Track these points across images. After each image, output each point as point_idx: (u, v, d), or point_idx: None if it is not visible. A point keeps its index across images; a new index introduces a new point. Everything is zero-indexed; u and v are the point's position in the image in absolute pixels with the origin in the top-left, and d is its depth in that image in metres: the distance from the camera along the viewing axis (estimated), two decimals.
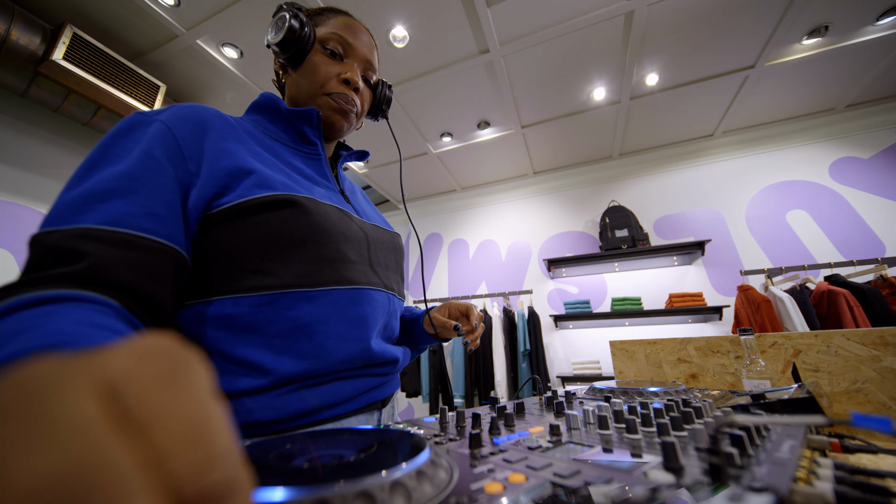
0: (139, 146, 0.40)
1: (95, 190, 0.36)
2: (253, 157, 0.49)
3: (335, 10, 0.66)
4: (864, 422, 0.22)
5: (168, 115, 0.45)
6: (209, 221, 0.44)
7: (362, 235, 0.57)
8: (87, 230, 0.33)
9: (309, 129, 0.59)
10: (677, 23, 2.06)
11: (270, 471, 0.22)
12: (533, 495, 0.21)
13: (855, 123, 2.82)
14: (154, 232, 0.37)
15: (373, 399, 0.55)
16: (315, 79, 0.59)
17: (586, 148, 3.30)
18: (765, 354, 1.08)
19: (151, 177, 0.39)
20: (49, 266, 0.31)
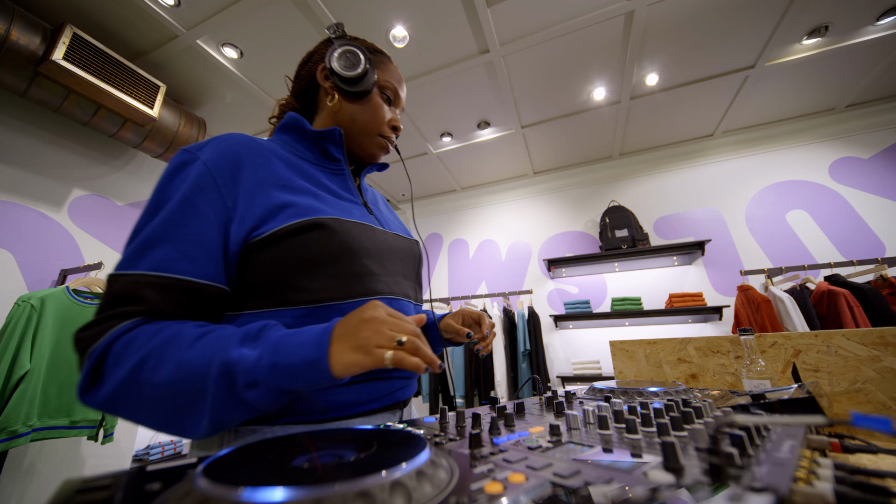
0: (181, 191, 0.49)
1: (147, 238, 0.46)
2: (283, 188, 0.55)
3: (385, 54, 0.72)
4: (864, 422, 0.22)
5: (208, 153, 0.52)
6: (251, 248, 0.51)
7: (385, 247, 0.62)
8: (139, 277, 0.44)
9: (333, 148, 0.65)
10: (677, 23, 2.06)
11: (271, 471, 0.22)
12: (533, 495, 0.21)
13: (855, 123, 2.82)
14: (189, 273, 0.46)
15: (396, 400, 0.60)
16: (374, 119, 0.67)
17: (586, 148, 3.30)
18: (765, 354, 1.08)
19: (189, 222, 0.47)
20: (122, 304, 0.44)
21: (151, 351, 0.40)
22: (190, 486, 0.20)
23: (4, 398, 1.52)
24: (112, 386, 0.40)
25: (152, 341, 0.41)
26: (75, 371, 1.73)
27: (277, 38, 2.05)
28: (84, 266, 1.96)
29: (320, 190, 0.60)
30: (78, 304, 1.79)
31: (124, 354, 0.40)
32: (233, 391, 0.39)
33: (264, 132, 2.82)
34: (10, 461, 1.72)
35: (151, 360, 0.40)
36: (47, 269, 1.95)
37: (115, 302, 0.44)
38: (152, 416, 0.41)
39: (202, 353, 0.40)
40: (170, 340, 0.41)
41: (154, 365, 0.40)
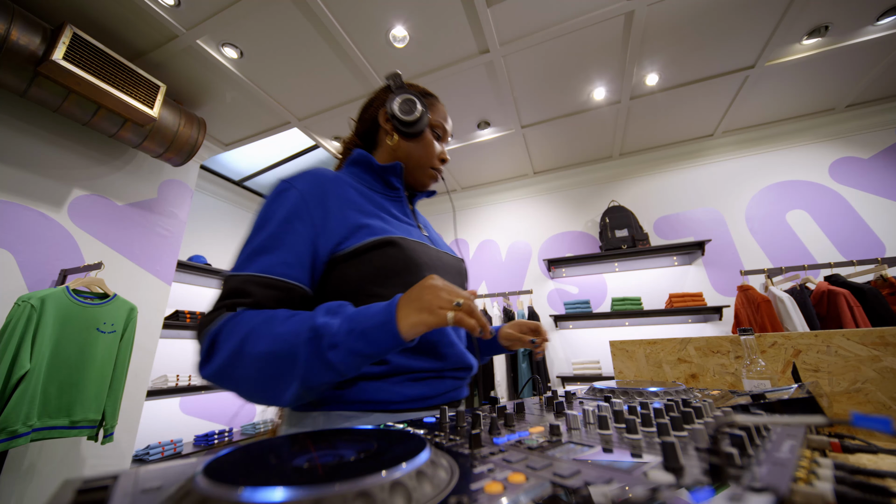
0: (281, 212, 0.61)
1: (256, 247, 0.59)
2: (360, 212, 0.67)
3: (434, 96, 0.84)
4: (864, 422, 0.22)
5: (302, 184, 0.64)
6: (336, 260, 0.62)
7: (439, 262, 0.73)
8: (249, 277, 0.56)
9: (394, 178, 0.77)
10: (677, 23, 2.06)
11: (272, 471, 0.22)
12: (533, 495, 0.21)
13: (855, 123, 2.82)
14: (285, 275, 0.58)
15: (454, 398, 0.68)
16: (427, 154, 0.79)
17: (586, 148, 3.30)
18: (765, 354, 1.08)
19: (286, 237, 0.60)
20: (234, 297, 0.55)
21: (253, 328, 0.50)
22: (190, 486, 0.20)
23: (4, 398, 1.52)
24: (222, 359, 0.50)
25: (253, 321, 0.51)
26: (75, 371, 1.73)
27: (277, 38, 2.05)
28: (84, 266, 1.96)
29: (385, 214, 0.72)
30: (78, 304, 1.79)
31: (233, 333, 0.50)
32: (319, 352, 0.47)
33: (264, 132, 2.82)
34: (10, 461, 1.72)
35: (253, 335, 0.49)
36: (47, 269, 1.95)
37: (230, 295, 0.56)
38: (252, 384, 0.50)
39: (293, 327, 0.49)
40: (267, 320, 0.51)
41: (255, 339, 0.49)
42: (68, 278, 1.96)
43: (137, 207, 2.42)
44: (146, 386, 2.33)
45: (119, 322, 1.91)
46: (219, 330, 0.51)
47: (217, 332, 0.51)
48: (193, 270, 2.99)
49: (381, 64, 2.27)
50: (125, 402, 2.08)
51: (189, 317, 2.94)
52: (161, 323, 2.46)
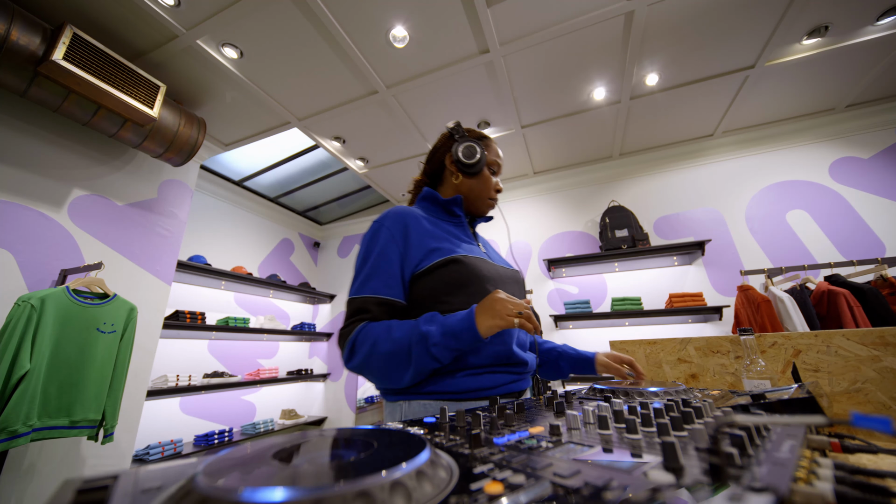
0: (379, 245, 0.82)
1: (366, 275, 0.80)
2: (433, 239, 0.85)
3: (489, 138, 1.00)
4: (864, 422, 0.22)
5: (389, 222, 0.84)
6: (416, 277, 0.82)
7: (497, 275, 0.88)
8: (366, 298, 0.79)
9: (456, 208, 0.95)
10: (677, 23, 2.06)
11: (271, 471, 0.22)
12: (533, 495, 0.21)
13: (855, 123, 2.82)
14: (389, 293, 0.79)
15: (511, 389, 0.80)
16: (485, 188, 0.96)
17: (586, 148, 3.30)
18: (765, 354, 1.08)
19: (384, 265, 0.80)
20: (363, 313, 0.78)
21: (378, 336, 0.73)
22: (190, 486, 0.20)
23: (4, 398, 1.52)
24: (361, 356, 0.73)
25: (377, 330, 0.73)
26: (75, 371, 1.73)
27: (277, 38, 2.05)
28: (84, 266, 1.96)
29: (452, 237, 0.89)
30: (78, 304, 1.79)
31: (366, 340, 0.73)
32: (425, 348, 0.69)
33: (264, 132, 2.83)
34: (10, 461, 1.72)
35: (379, 340, 0.72)
36: (47, 269, 1.95)
37: (357, 312, 0.78)
38: (381, 373, 0.73)
39: (405, 333, 0.71)
40: (387, 329, 0.73)
41: (381, 343, 0.72)
42: (68, 278, 1.97)
43: (137, 207, 2.42)
44: (146, 386, 2.33)
45: (119, 322, 1.91)
46: (355, 338, 0.74)
47: (354, 339, 0.74)
48: (193, 270, 2.99)
49: (381, 64, 2.27)
50: (125, 402, 2.09)
51: (189, 317, 2.94)
52: (161, 323, 2.46)
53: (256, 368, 3.73)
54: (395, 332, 0.72)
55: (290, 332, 3.90)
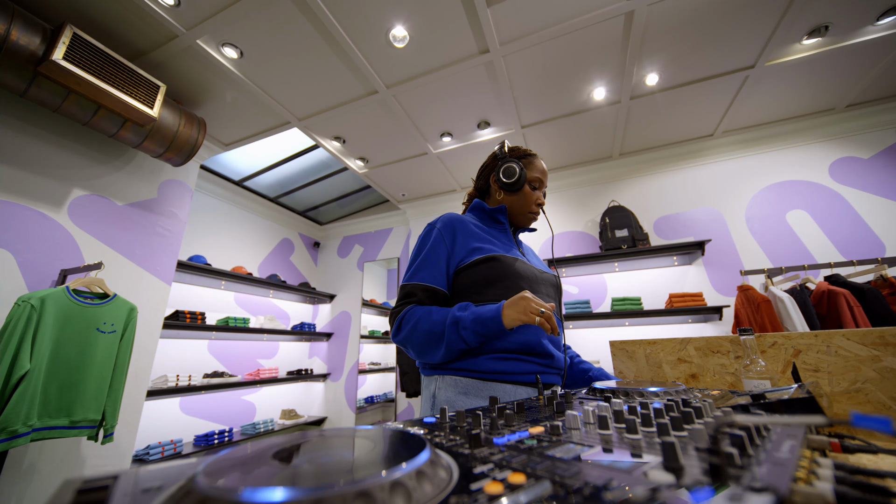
0: (430, 243, 0.96)
1: (417, 266, 0.94)
2: (476, 240, 0.97)
3: (533, 155, 1.09)
4: (864, 422, 0.22)
5: (440, 224, 0.98)
6: (458, 272, 0.94)
7: (531, 274, 0.97)
8: (415, 285, 0.92)
9: (501, 216, 1.07)
10: (677, 23, 2.06)
11: (271, 471, 0.22)
12: (533, 495, 0.21)
13: (855, 123, 2.82)
14: (434, 282, 0.92)
15: (534, 379, 0.87)
16: (526, 203, 1.07)
17: (586, 148, 3.30)
18: (765, 354, 1.08)
19: (433, 259, 0.94)
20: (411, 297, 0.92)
21: (420, 317, 0.86)
22: (190, 486, 0.20)
23: (4, 398, 1.52)
24: (405, 332, 0.87)
25: (420, 312, 0.87)
26: (75, 371, 1.73)
27: (277, 38, 2.05)
28: (84, 266, 1.96)
29: (495, 240, 1.01)
30: (78, 304, 1.79)
31: (410, 319, 0.87)
32: (456, 330, 0.81)
33: (264, 132, 2.83)
34: (10, 461, 1.72)
35: (421, 320, 0.85)
36: (47, 269, 1.95)
37: (407, 296, 0.92)
38: (420, 347, 0.86)
39: (442, 317, 0.84)
40: (428, 312, 0.86)
41: (422, 322, 0.85)
42: (68, 278, 1.97)
43: (137, 207, 2.42)
44: (146, 386, 2.33)
45: (119, 322, 1.92)
46: (402, 316, 0.88)
47: (402, 318, 0.88)
48: (193, 270, 2.99)
49: (381, 64, 2.27)
50: (125, 402, 2.09)
51: (189, 317, 2.94)
52: (161, 323, 2.46)
53: (256, 368, 3.73)
54: (435, 315, 0.84)
55: (290, 332, 3.90)
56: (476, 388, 0.84)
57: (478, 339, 0.82)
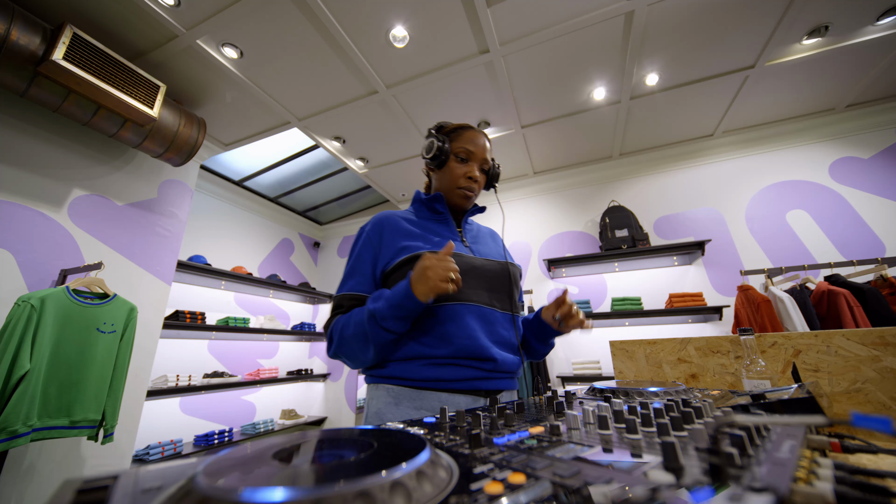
0: (357, 249, 0.91)
1: (345, 276, 0.90)
2: (407, 237, 0.90)
3: (464, 127, 0.99)
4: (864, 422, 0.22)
5: (369, 226, 0.93)
6: (385, 274, 0.88)
7: (469, 268, 0.87)
8: (342, 296, 0.87)
9: (438, 205, 0.97)
10: (677, 23, 2.06)
11: (271, 471, 0.22)
12: (533, 495, 0.21)
13: (855, 123, 2.82)
14: (359, 290, 0.87)
15: (476, 387, 0.81)
16: (451, 178, 0.96)
17: (586, 148, 3.30)
18: (765, 354, 1.08)
19: (359, 265, 0.89)
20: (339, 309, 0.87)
21: (344, 323, 0.81)
22: (190, 486, 0.20)
23: (4, 398, 1.52)
24: (335, 343, 0.82)
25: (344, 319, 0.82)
26: (75, 371, 1.73)
27: (277, 38, 2.05)
28: (84, 266, 1.96)
29: (430, 234, 0.93)
30: (78, 304, 1.79)
31: (337, 329, 0.82)
32: (377, 325, 0.76)
33: (264, 132, 2.83)
34: (10, 461, 1.72)
35: (345, 326, 0.81)
36: (47, 269, 1.95)
37: (336, 308, 0.87)
38: (352, 354, 0.81)
39: (360, 315, 0.79)
40: (350, 316, 0.81)
41: (346, 328, 0.80)
42: (68, 278, 1.96)
43: (137, 207, 2.42)
44: (146, 386, 2.33)
45: (119, 322, 1.91)
46: (332, 329, 0.84)
47: (331, 330, 0.84)
48: (193, 270, 2.99)
49: (381, 64, 2.27)
50: (125, 402, 2.08)
51: (189, 317, 2.94)
52: (161, 323, 2.46)
53: (256, 368, 3.73)
54: (355, 316, 0.80)
55: (290, 332, 3.90)
56: (408, 398, 0.78)
57: (403, 323, 0.76)
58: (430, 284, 0.72)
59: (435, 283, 0.71)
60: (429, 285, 0.72)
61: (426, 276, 0.72)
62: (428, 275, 0.72)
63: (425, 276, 0.72)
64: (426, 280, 0.72)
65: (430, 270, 0.72)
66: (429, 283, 0.72)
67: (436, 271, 0.72)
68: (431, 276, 0.72)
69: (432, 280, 0.72)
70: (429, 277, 0.72)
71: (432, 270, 0.72)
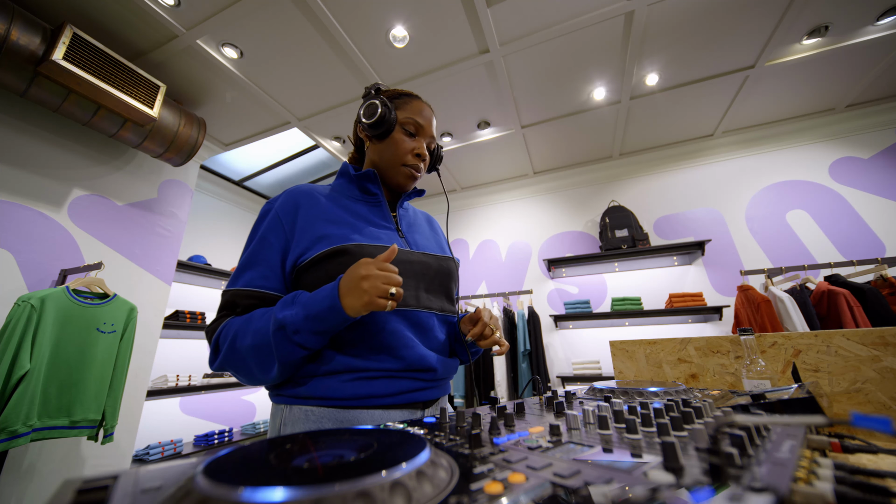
0: (261, 232, 0.72)
1: (242, 264, 0.71)
2: (328, 222, 0.72)
3: (409, 95, 0.84)
4: (864, 422, 0.22)
5: (279, 203, 0.74)
6: (299, 270, 0.70)
7: (406, 265, 0.73)
8: (237, 291, 0.69)
9: (370, 185, 0.80)
10: (677, 23, 2.06)
11: (271, 471, 0.22)
12: (533, 495, 0.21)
13: (855, 123, 2.82)
14: (264, 287, 0.69)
15: (414, 399, 0.69)
16: (396, 152, 0.79)
17: (586, 148, 3.30)
18: (765, 354, 1.08)
19: (264, 253, 0.70)
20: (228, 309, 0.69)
21: (238, 329, 0.63)
22: (190, 486, 0.20)
23: (4, 398, 1.52)
24: (223, 354, 0.64)
25: (238, 324, 0.64)
26: (75, 371, 1.73)
27: (277, 38, 2.05)
28: (84, 266, 1.96)
29: (359, 221, 0.76)
30: (78, 304, 1.79)
31: (227, 335, 0.64)
32: (286, 338, 0.59)
33: (264, 132, 2.82)
34: (10, 461, 1.72)
35: (240, 334, 0.63)
36: (47, 269, 1.95)
37: (224, 308, 0.69)
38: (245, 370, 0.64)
39: (264, 322, 0.61)
40: (248, 321, 0.64)
41: (241, 337, 0.62)
42: (68, 278, 1.96)
43: (137, 207, 2.42)
44: (146, 386, 2.33)
45: (119, 322, 1.91)
46: (218, 334, 0.66)
47: (217, 336, 0.66)
48: (193, 270, 2.99)
49: (381, 64, 2.27)
50: (125, 402, 2.08)
51: (189, 317, 2.94)
52: (161, 323, 2.46)
53: None
54: (255, 322, 0.62)
55: None
56: (335, 423, 0.64)
57: (321, 339, 0.61)
58: (365, 299, 0.57)
59: (371, 298, 0.57)
60: (363, 300, 0.57)
61: (361, 287, 0.57)
62: (363, 286, 0.57)
63: (359, 289, 0.57)
64: (360, 293, 0.57)
65: (366, 282, 0.57)
66: (363, 297, 0.57)
67: (374, 283, 0.57)
68: (368, 290, 0.57)
69: (368, 294, 0.57)
70: (364, 290, 0.57)
71: (369, 282, 0.57)
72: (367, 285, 0.57)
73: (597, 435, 0.36)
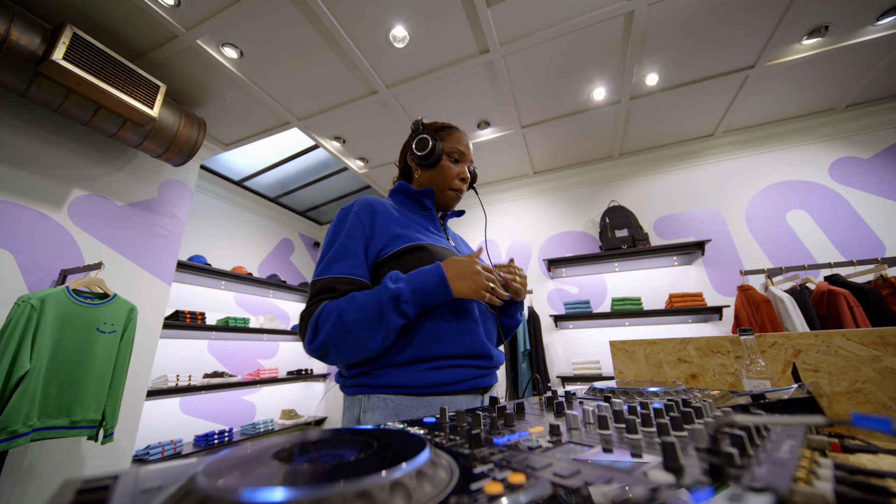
0: (345, 229, 0.82)
1: (332, 257, 0.79)
2: (398, 226, 0.85)
3: (451, 127, 0.99)
4: (864, 422, 0.22)
5: (357, 207, 0.85)
6: (379, 262, 0.81)
7: None
8: (333, 279, 0.77)
9: (426, 200, 0.95)
10: (677, 23, 2.06)
11: (271, 471, 0.22)
12: (533, 495, 0.21)
13: (855, 123, 2.82)
14: (354, 274, 0.78)
15: (476, 385, 0.79)
16: (445, 178, 0.95)
17: (586, 148, 3.30)
18: (765, 354, 1.08)
19: (351, 246, 0.80)
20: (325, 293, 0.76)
21: (344, 307, 0.71)
22: (190, 486, 0.20)
23: (4, 398, 1.52)
24: (325, 332, 0.70)
25: (340, 303, 0.72)
26: (75, 371, 1.73)
27: (277, 38, 2.05)
28: (84, 266, 1.96)
29: (419, 227, 0.90)
30: (78, 304, 1.79)
31: (330, 314, 0.71)
32: (398, 307, 0.70)
33: (264, 132, 2.83)
34: (10, 461, 1.72)
35: (346, 310, 0.70)
36: (47, 269, 1.95)
37: (321, 292, 0.76)
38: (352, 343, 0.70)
39: (371, 297, 0.71)
40: (350, 299, 0.71)
41: (347, 312, 0.70)
42: (68, 278, 1.96)
43: (137, 207, 2.42)
44: (146, 386, 2.33)
45: (119, 322, 1.91)
46: (318, 316, 0.72)
47: (317, 317, 0.72)
48: (193, 270, 2.99)
49: (381, 64, 2.27)
50: (125, 402, 2.08)
51: (189, 317, 2.94)
52: (161, 323, 2.46)
53: (256, 368, 3.73)
54: (360, 299, 0.71)
55: (290, 332, 3.90)
56: (410, 408, 0.71)
57: (417, 311, 0.73)
58: (474, 288, 0.72)
59: (478, 289, 0.72)
60: (472, 288, 0.72)
61: (473, 279, 0.72)
62: (476, 279, 0.72)
63: (472, 279, 0.72)
64: (471, 282, 0.72)
65: (479, 276, 0.72)
66: (472, 286, 0.72)
67: (480, 280, 0.72)
68: (479, 282, 0.72)
69: (477, 284, 0.72)
70: (476, 281, 0.72)
71: (480, 276, 0.73)
72: (479, 278, 0.72)
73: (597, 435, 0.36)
